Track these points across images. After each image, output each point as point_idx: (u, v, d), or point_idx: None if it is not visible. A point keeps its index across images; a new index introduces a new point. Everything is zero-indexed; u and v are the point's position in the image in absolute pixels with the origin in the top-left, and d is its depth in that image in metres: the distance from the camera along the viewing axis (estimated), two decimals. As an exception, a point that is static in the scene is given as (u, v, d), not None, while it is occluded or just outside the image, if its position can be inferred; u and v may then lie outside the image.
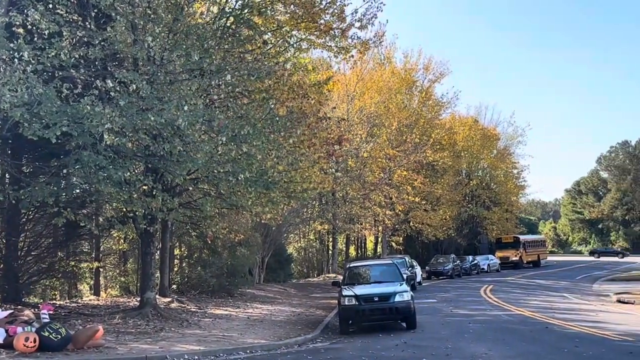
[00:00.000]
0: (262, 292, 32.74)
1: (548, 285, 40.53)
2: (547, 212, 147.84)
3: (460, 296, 32.08)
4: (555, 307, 26.09)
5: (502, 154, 72.29)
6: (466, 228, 68.29)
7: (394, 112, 50.18)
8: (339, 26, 22.28)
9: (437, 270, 49.38)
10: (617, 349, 14.83)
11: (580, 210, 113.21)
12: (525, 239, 66.31)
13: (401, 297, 19.18)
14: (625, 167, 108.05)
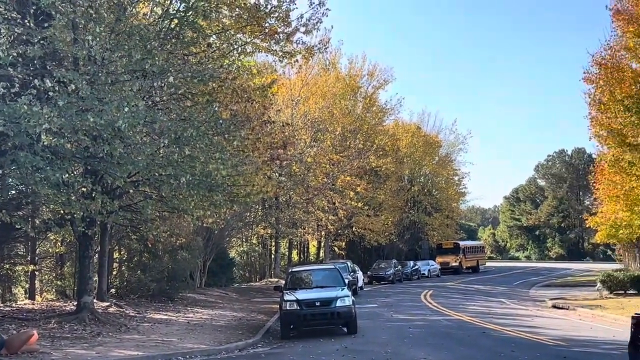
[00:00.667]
0: (203, 296, 32.44)
1: (486, 290, 41.28)
2: (487, 218, 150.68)
3: (401, 301, 32.40)
4: (493, 312, 26.59)
5: (443, 160, 73.39)
6: (408, 233, 69.05)
7: (338, 117, 50.48)
8: (284, 30, 22.30)
9: (379, 275, 49.76)
10: (551, 353, 15.19)
11: (518, 217, 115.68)
12: (465, 245, 67.38)
13: (342, 302, 19.28)
14: (561, 176, 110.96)
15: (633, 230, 28.98)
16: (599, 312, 26.10)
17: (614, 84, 26.58)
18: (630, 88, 26.05)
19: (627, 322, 22.79)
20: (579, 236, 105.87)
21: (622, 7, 27.73)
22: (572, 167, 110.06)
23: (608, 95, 26.92)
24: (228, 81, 20.33)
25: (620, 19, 27.41)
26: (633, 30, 26.68)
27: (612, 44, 28.16)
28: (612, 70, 26.94)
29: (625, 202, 27.18)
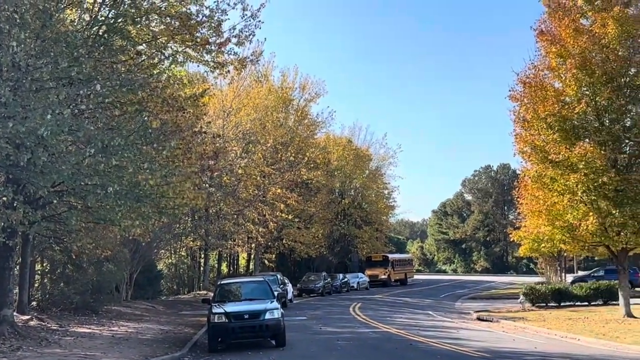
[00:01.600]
0: (129, 309, 31.77)
1: (414, 303, 41.81)
2: (415, 231, 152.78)
3: (330, 314, 32.49)
4: (420, 324, 26.95)
5: (373, 174, 74.07)
6: (338, 246, 69.35)
7: (269, 129, 50.44)
8: (216, 41, 22.15)
9: (309, 288, 49.81)
10: (475, 364, 15.51)
11: (445, 230, 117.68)
12: (394, 258, 68.13)
13: (271, 315, 19.23)
14: (487, 190, 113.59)
15: (554, 244, 29.75)
16: (522, 324, 26.79)
17: (538, 102, 27.34)
18: (553, 106, 26.85)
19: (549, 334, 23.55)
20: (503, 250, 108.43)
21: (545, 28, 28.65)
22: (497, 182, 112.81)
23: (532, 113, 27.66)
24: (158, 90, 20.05)
25: (544, 39, 28.30)
26: (556, 50, 27.57)
27: (536, 64, 28.99)
28: (536, 89, 27.73)
29: (547, 217, 27.90)
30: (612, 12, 26.52)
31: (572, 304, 35.67)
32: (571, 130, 27.13)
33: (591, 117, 27.65)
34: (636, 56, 27.37)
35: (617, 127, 27.13)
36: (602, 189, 26.07)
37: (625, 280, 29.12)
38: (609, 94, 26.57)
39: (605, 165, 26.04)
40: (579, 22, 27.73)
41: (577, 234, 27.40)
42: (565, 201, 27.16)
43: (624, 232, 27.35)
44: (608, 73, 26.65)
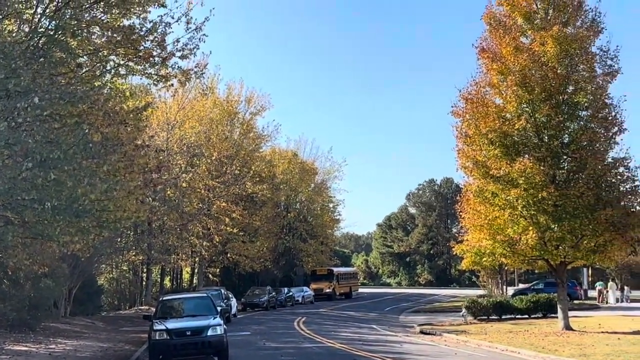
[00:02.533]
0: (68, 326, 31.01)
1: (358, 316, 41.92)
2: (360, 245, 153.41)
3: (274, 328, 32.31)
4: (364, 338, 27.00)
5: (319, 187, 74.27)
6: (283, 260, 69.18)
7: (214, 142, 50.10)
8: (160, 54, 21.87)
9: (253, 302, 49.51)
10: (418, 379, 15.59)
11: (390, 244, 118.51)
12: (339, 272, 68.25)
13: (214, 331, 19.00)
14: (431, 204, 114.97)
15: (495, 258, 30.23)
16: (464, 338, 27.08)
17: (479, 118, 27.85)
18: (494, 122, 27.39)
19: (490, 347, 23.86)
20: (446, 263, 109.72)
21: (487, 45, 29.26)
22: (441, 195, 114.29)
23: (474, 129, 28.14)
24: (99, 103, 19.67)
25: (485, 56, 28.89)
26: (497, 67, 28.16)
27: (478, 80, 29.54)
28: (478, 105, 28.24)
29: (488, 231, 28.34)
30: (551, 31, 27.26)
31: (513, 316, 36.28)
32: (511, 146, 27.70)
33: (531, 133, 28.29)
34: (574, 74, 28.17)
35: (555, 143, 27.80)
36: (542, 203, 26.65)
37: (564, 293, 29.76)
38: (548, 111, 27.25)
39: (544, 180, 26.63)
40: (519, 40, 28.42)
41: (517, 248, 27.88)
42: (506, 216, 27.65)
43: (562, 246, 27.97)
44: (547, 90, 27.35)
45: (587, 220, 26.88)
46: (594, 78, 28.25)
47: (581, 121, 28.40)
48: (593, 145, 27.85)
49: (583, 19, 28.89)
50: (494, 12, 29.73)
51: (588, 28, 28.43)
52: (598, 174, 27.38)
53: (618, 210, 26.91)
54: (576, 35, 27.93)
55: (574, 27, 28.65)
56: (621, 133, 28.16)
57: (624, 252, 31.41)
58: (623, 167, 28.13)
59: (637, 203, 28.60)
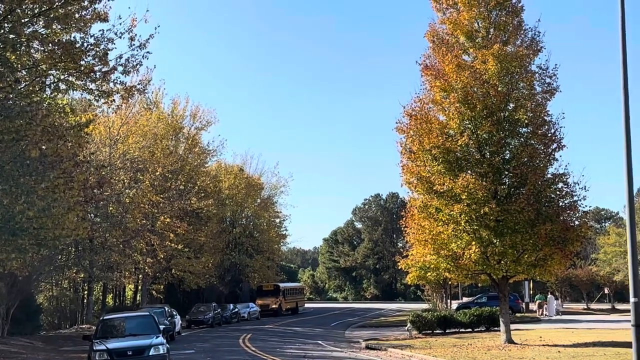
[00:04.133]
0: (5, 346, 30.03)
1: (304, 332, 41.77)
2: (307, 260, 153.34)
3: (219, 346, 31.93)
4: (309, 355, 26.89)
5: (265, 203, 73.98)
6: (229, 276, 68.57)
7: (159, 157, 49.47)
8: (102, 69, 21.53)
9: (198, 319, 48.88)
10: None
11: (336, 258, 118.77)
12: (285, 287, 67.99)
13: (156, 351, 18.71)
14: (377, 219, 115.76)
15: (440, 272, 30.54)
16: (408, 352, 27.22)
17: (423, 134, 28.20)
18: (438, 139, 27.77)
19: (433, 361, 23.91)
20: (392, 277, 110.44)
21: (430, 63, 29.72)
22: (386, 210, 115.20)
23: (418, 145, 28.48)
24: (38, 119, 19.24)
25: (428, 74, 29.33)
26: (440, 84, 28.60)
27: (421, 97, 29.93)
28: (421, 122, 28.59)
29: (432, 246, 28.64)
30: (492, 49, 27.84)
31: (457, 330, 36.68)
32: (454, 162, 28.10)
33: (473, 149, 28.76)
34: (514, 92, 28.79)
35: (497, 159, 28.30)
36: (484, 219, 27.08)
37: (506, 307, 30.21)
38: (490, 128, 27.77)
39: (486, 196, 27.07)
40: (461, 58, 28.94)
41: (460, 262, 28.21)
42: (449, 231, 27.98)
43: (504, 261, 28.42)
44: (488, 107, 27.88)
45: (527, 235, 27.41)
46: (533, 96, 28.95)
47: (521, 138, 29.00)
48: (533, 161, 28.46)
49: (523, 38, 29.63)
50: (436, 30, 30.26)
51: (527, 47, 29.15)
52: (538, 190, 27.97)
53: (557, 225, 27.52)
54: (516, 53, 28.59)
55: (514, 46, 29.34)
56: (560, 149, 28.87)
57: (564, 265, 32.08)
58: (562, 183, 28.81)
59: (576, 218, 29.32)
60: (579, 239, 28.82)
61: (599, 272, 69.87)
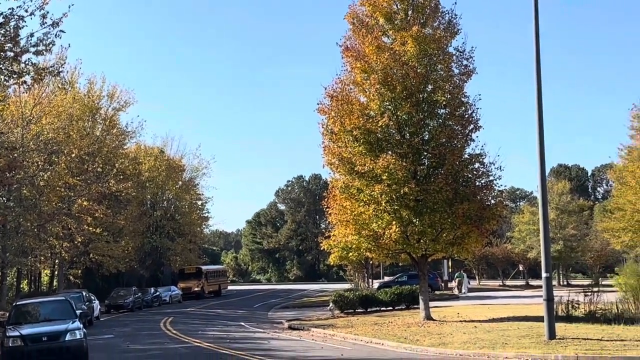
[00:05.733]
0: None
1: (227, 314, 41.61)
2: (230, 242, 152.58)
3: (140, 330, 31.45)
4: (231, 337, 26.81)
5: (187, 185, 72.98)
6: (149, 259, 67.48)
7: (75, 139, 47.98)
8: (12, 49, 20.58)
9: (118, 304, 48.04)
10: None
11: (259, 240, 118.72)
12: (208, 270, 67.57)
13: (73, 336, 18.26)
14: (300, 200, 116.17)
15: (361, 252, 30.92)
16: (331, 332, 27.53)
17: (344, 115, 28.33)
18: (359, 120, 27.95)
19: (355, 340, 24.37)
20: (315, 258, 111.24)
21: (350, 44, 29.81)
22: (309, 192, 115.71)
23: (339, 126, 28.59)
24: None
25: (349, 55, 29.42)
26: (360, 66, 28.75)
27: (343, 78, 30.04)
28: (343, 103, 28.71)
29: (354, 227, 28.90)
30: (410, 31, 28.12)
31: (378, 309, 37.28)
32: (375, 143, 28.37)
33: (393, 130, 29.10)
34: (433, 73, 29.24)
35: (416, 140, 28.75)
36: (404, 199, 27.49)
37: (425, 285, 30.87)
38: (409, 109, 28.12)
39: (406, 176, 27.44)
40: (381, 40, 29.14)
41: (381, 242, 28.60)
42: (370, 211, 28.28)
43: (423, 240, 28.97)
44: (408, 89, 28.22)
45: (446, 214, 28.00)
46: (451, 77, 29.47)
47: (440, 119, 29.52)
48: (451, 142, 29.04)
49: (440, 20, 30.05)
50: (356, 11, 30.31)
51: (445, 29, 29.61)
52: (456, 170, 28.57)
53: (474, 204, 28.22)
54: (434, 35, 29.02)
55: (432, 28, 29.73)
56: (477, 130, 29.55)
57: (480, 244, 32.98)
58: (478, 163, 29.54)
59: (492, 197, 30.12)
60: (495, 217, 29.65)
61: (514, 250, 72.36)
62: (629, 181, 47.65)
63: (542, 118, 21.69)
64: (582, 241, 70.60)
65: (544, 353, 18.38)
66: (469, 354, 19.33)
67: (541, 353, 18.42)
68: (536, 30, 21.70)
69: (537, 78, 21.72)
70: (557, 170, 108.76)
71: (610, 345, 18.99)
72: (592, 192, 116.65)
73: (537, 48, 21.73)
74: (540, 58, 21.73)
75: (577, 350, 18.16)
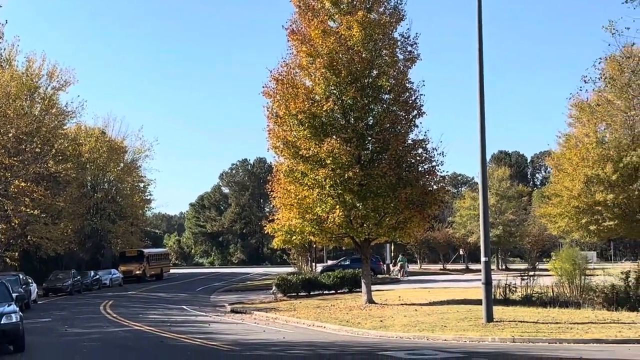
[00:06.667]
0: None
1: (169, 298, 41.24)
2: (173, 225, 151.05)
3: (78, 313, 30.90)
4: (172, 320, 26.59)
5: (129, 167, 71.76)
6: (90, 242, 66.30)
7: (12, 118, 46.59)
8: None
9: (56, 287, 47.09)
10: (224, 358, 15.59)
11: (203, 224, 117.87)
12: (149, 253, 66.82)
13: (8, 319, 17.80)
14: (244, 184, 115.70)
15: (305, 236, 30.97)
16: (273, 315, 27.58)
17: (290, 99, 28.23)
18: (304, 103, 27.90)
19: (297, 323, 24.46)
20: (259, 242, 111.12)
21: (296, 28, 29.68)
22: (254, 175, 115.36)
23: (284, 110, 28.48)
24: None
25: (295, 38, 29.30)
26: (306, 50, 28.67)
27: (288, 62, 29.92)
28: (288, 86, 28.60)
29: (298, 210, 28.95)
30: (356, 16, 28.15)
31: (321, 292, 37.46)
32: (320, 127, 28.37)
33: (338, 115, 29.16)
34: (378, 59, 29.35)
35: (361, 125, 28.88)
36: (348, 183, 27.61)
37: (368, 268, 31.17)
38: (354, 94, 28.19)
39: (350, 161, 27.58)
40: (326, 24, 29.10)
41: (325, 226, 28.74)
42: (314, 195, 28.36)
43: (366, 224, 29.21)
44: (353, 73, 28.28)
45: (389, 198, 28.24)
46: (395, 63, 29.63)
47: (384, 104, 29.70)
48: (395, 127, 29.27)
49: (386, 6, 30.10)
50: (303, -5, 30.14)
51: (391, 15, 29.71)
52: (399, 155, 28.83)
53: (417, 189, 28.56)
54: (379, 21, 29.12)
55: (378, 14, 29.80)
56: (420, 116, 29.85)
57: (422, 228, 33.45)
58: (422, 149, 29.84)
59: (434, 182, 30.51)
60: (437, 202, 30.09)
61: (455, 234, 73.66)
62: (566, 168, 48.83)
63: (484, 106, 22.07)
64: (521, 226, 72.26)
65: (482, 335, 18.80)
66: (409, 336, 19.63)
67: (479, 335, 18.83)
68: (479, 20, 21.99)
69: (479, 69, 22.06)
70: (498, 156, 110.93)
71: (545, 327, 19.53)
72: (531, 179, 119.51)
73: (480, 38, 22.03)
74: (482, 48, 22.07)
75: (513, 333, 18.63)
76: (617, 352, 15.86)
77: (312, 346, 18.06)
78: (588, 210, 47.50)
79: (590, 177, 46.29)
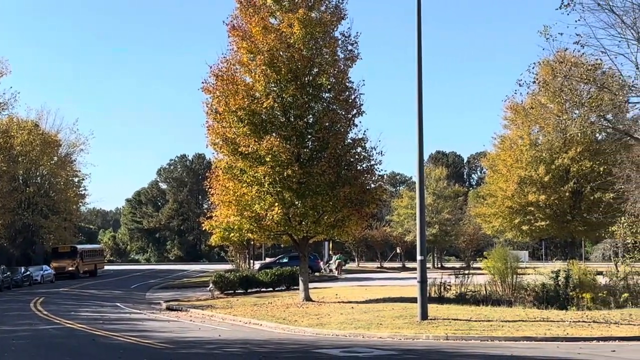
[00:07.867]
0: None
1: (102, 295, 40.44)
2: (108, 221, 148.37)
3: (7, 310, 30.01)
4: (105, 317, 26.10)
5: (63, 161, 70.07)
6: (20, 237, 64.54)
7: (-61, 108, 45.08)
8: None
9: (-16, 284, 45.61)
10: (158, 356, 15.38)
11: (139, 219, 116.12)
12: (83, 249, 65.53)
13: None
14: (182, 180, 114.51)
15: (243, 233, 30.84)
16: (210, 312, 27.36)
17: (229, 95, 28.01)
18: (243, 100, 27.73)
19: (234, 320, 24.33)
20: (197, 238, 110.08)
21: (237, 23, 29.43)
22: (192, 171, 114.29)
23: (224, 106, 28.25)
24: None
25: (235, 34, 29.07)
26: (246, 46, 28.50)
27: (228, 58, 29.64)
28: (228, 83, 28.36)
29: (236, 207, 28.76)
30: (297, 13, 28.15)
31: (258, 290, 37.35)
32: (260, 124, 28.27)
33: (278, 112, 29.10)
34: (318, 57, 29.38)
35: (301, 123, 28.88)
36: (287, 181, 27.58)
37: (306, 266, 31.23)
38: (294, 91, 28.20)
39: (289, 158, 27.54)
40: (268, 21, 28.96)
41: (263, 223, 28.65)
42: (253, 192, 28.24)
43: (305, 222, 29.26)
44: (293, 71, 28.26)
45: (328, 197, 28.31)
46: (336, 62, 29.72)
47: (324, 103, 29.77)
48: (335, 126, 29.36)
49: (327, 4, 30.11)
50: (244, -10, 29.92)
51: (332, 13, 29.75)
52: (338, 154, 28.96)
53: (355, 188, 28.72)
54: (321, 19, 29.17)
55: (319, 12, 29.81)
56: (360, 115, 30.06)
57: (360, 226, 33.64)
58: (360, 148, 30.03)
59: (373, 181, 30.76)
60: (375, 201, 30.35)
61: (392, 233, 74.47)
62: (500, 169, 50.02)
63: (422, 106, 22.29)
64: (456, 225, 73.55)
65: (416, 333, 19.05)
66: (345, 334, 19.74)
67: (413, 333, 19.08)
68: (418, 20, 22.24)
69: (418, 68, 22.29)
70: (435, 156, 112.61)
71: (478, 325, 19.92)
72: (467, 179, 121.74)
73: (419, 38, 22.27)
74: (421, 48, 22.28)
75: (447, 331, 18.93)
76: (547, 349, 16.28)
77: (248, 344, 17.97)
78: (521, 210, 48.77)
79: (523, 178, 47.53)
